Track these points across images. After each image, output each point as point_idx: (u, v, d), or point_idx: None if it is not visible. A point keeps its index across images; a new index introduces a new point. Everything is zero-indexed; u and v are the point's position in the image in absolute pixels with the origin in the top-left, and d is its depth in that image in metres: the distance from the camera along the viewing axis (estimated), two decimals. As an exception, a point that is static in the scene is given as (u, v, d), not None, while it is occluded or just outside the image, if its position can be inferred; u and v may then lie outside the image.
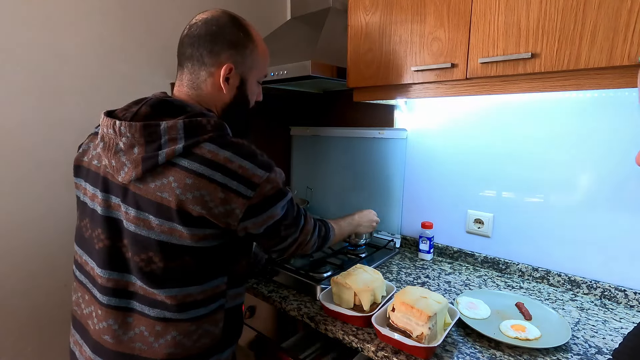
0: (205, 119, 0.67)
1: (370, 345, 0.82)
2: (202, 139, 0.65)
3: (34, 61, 1.07)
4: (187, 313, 0.67)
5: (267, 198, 0.68)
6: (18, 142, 1.07)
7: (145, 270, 0.65)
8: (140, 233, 0.65)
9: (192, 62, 0.73)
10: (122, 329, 0.67)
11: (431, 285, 1.13)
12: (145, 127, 0.64)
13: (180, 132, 0.64)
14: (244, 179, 0.64)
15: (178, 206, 0.62)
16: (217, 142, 0.65)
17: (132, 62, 1.27)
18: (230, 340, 0.76)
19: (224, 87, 0.74)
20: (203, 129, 0.66)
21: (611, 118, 1.00)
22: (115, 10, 1.22)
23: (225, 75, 0.73)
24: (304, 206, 1.50)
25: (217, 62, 0.73)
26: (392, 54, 1.06)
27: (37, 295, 1.14)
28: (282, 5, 1.74)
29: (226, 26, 0.73)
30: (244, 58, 0.75)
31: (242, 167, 0.64)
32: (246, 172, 0.65)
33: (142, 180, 0.64)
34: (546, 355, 0.79)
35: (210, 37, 0.72)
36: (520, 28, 0.82)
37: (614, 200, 1.01)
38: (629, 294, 1.00)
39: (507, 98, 1.17)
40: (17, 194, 1.08)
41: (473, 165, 1.26)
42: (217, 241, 0.67)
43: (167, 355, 0.66)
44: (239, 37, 0.73)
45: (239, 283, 0.76)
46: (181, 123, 0.64)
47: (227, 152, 0.65)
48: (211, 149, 0.64)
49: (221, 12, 0.75)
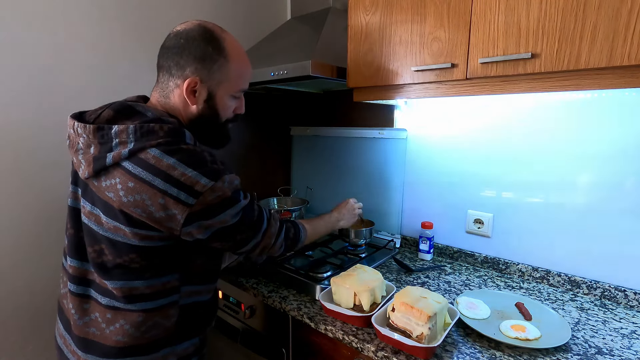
0: (159, 125, 0.68)
1: (370, 345, 0.82)
2: (149, 145, 0.66)
3: (34, 61, 1.07)
4: (134, 305, 0.71)
5: (212, 206, 0.68)
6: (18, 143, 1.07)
7: (96, 261, 0.71)
8: (92, 227, 0.71)
9: (163, 72, 0.76)
10: (79, 313, 0.74)
11: (431, 285, 1.13)
12: (98, 130, 0.68)
13: (131, 136, 0.67)
14: (186, 186, 0.65)
15: (120, 207, 0.66)
16: (164, 148, 0.66)
17: (132, 62, 1.27)
18: (188, 335, 0.78)
19: (190, 100, 0.75)
20: (155, 134, 0.67)
21: (611, 118, 1.00)
22: (115, 10, 1.22)
23: (190, 89, 0.74)
24: (303, 206, 1.51)
25: (183, 74, 0.74)
26: (392, 54, 1.06)
27: (37, 295, 1.14)
28: (282, 5, 1.74)
29: (194, 40, 0.73)
30: (212, 72, 0.75)
31: (184, 174, 0.65)
32: (189, 179, 0.65)
33: (96, 178, 0.68)
34: (546, 355, 0.79)
35: (176, 50, 0.73)
36: (520, 28, 0.82)
37: (614, 201, 1.01)
38: (629, 294, 1.00)
39: (507, 98, 1.17)
40: (18, 194, 1.08)
41: (473, 165, 1.26)
42: (164, 242, 0.70)
43: (116, 342, 0.71)
44: (206, 51, 0.73)
45: (198, 281, 0.78)
46: (132, 127, 0.67)
47: (172, 159, 0.66)
48: (156, 154, 0.66)
49: (195, 25, 0.75)
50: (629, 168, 0.98)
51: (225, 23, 1.51)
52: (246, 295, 1.15)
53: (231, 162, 1.64)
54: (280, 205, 1.62)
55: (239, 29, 1.57)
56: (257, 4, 1.63)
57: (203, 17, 0.84)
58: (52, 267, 1.15)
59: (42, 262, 1.14)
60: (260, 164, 1.77)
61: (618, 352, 0.80)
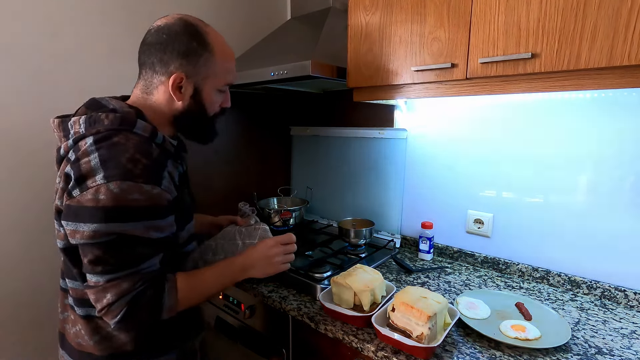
0: (105, 114, 0.66)
1: (370, 345, 0.82)
2: (89, 133, 0.65)
3: (34, 61, 1.07)
4: (81, 309, 0.70)
5: (84, 208, 0.59)
6: (18, 143, 1.07)
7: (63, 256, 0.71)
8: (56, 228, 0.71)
9: (146, 69, 0.74)
10: (61, 307, 0.76)
11: (431, 285, 1.13)
12: (60, 123, 0.70)
13: (82, 127, 0.67)
14: (81, 176, 0.61)
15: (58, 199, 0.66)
16: (98, 136, 0.64)
17: (132, 62, 1.27)
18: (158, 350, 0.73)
19: (176, 96, 0.73)
20: (99, 123, 0.66)
21: (611, 118, 1.00)
22: (115, 10, 1.22)
23: (175, 85, 0.72)
24: (303, 206, 1.50)
25: (167, 71, 0.72)
26: (392, 54, 1.06)
27: (37, 295, 1.14)
28: (282, 5, 1.73)
29: (177, 34, 0.71)
30: (197, 67, 0.73)
31: (88, 162, 0.61)
32: (87, 167, 0.61)
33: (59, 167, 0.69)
34: (546, 355, 0.79)
35: (159, 46, 0.71)
36: (521, 28, 0.82)
37: (614, 201, 1.01)
38: (629, 294, 1.00)
39: (507, 98, 1.17)
40: (18, 193, 1.08)
41: (473, 165, 1.26)
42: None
43: (77, 345, 0.71)
44: (190, 46, 0.71)
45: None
46: (84, 118, 0.67)
47: (94, 146, 0.63)
48: (88, 143, 0.64)
49: (176, 19, 0.72)
50: (629, 168, 0.98)
51: (225, 23, 1.52)
52: (246, 295, 1.15)
53: (231, 162, 1.63)
54: (280, 205, 1.62)
55: (239, 29, 1.57)
56: (257, 4, 1.63)
57: (203, 17, 0.83)
58: (52, 267, 1.15)
59: (42, 262, 1.14)
60: (260, 164, 1.77)
61: (618, 352, 0.80)
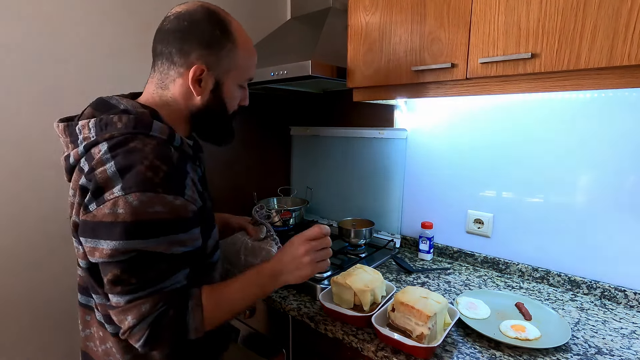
0: (118, 116, 0.60)
1: (370, 345, 0.82)
2: (102, 138, 0.59)
3: (34, 62, 1.07)
4: (111, 326, 0.64)
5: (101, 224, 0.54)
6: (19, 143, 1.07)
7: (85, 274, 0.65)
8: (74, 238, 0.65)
9: (162, 59, 0.67)
10: (82, 325, 0.71)
11: (431, 285, 1.13)
12: (66, 128, 0.64)
13: (92, 131, 0.60)
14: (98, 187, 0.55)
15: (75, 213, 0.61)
16: (114, 142, 0.58)
17: (133, 63, 1.27)
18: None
19: (195, 90, 0.66)
20: (112, 126, 0.59)
21: (611, 118, 1.00)
22: (116, 10, 1.22)
23: (195, 78, 0.65)
24: (303, 206, 1.50)
25: (187, 62, 0.65)
26: (392, 54, 1.06)
27: (38, 296, 1.14)
28: (282, 5, 1.73)
29: (200, 22, 0.64)
30: (220, 59, 0.66)
31: (104, 171, 0.55)
32: (103, 178, 0.55)
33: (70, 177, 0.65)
34: (546, 355, 0.79)
35: (180, 34, 0.64)
36: (520, 28, 0.82)
37: (614, 201, 1.01)
38: (629, 294, 1.00)
39: (507, 98, 1.17)
40: (18, 193, 1.08)
41: (473, 165, 1.26)
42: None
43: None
44: (213, 35, 0.65)
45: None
46: (93, 122, 0.60)
47: (109, 154, 0.57)
48: (103, 150, 0.58)
49: (198, 6, 0.66)
50: (629, 168, 0.98)
51: (225, 23, 1.52)
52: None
53: (231, 162, 1.64)
54: (280, 205, 1.62)
55: (239, 29, 1.57)
56: (257, 4, 1.63)
57: (203, 17, 0.82)
58: (52, 267, 1.15)
59: (42, 262, 1.14)
60: (260, 164, 1.77)
61: (618, 352, 0.80)
